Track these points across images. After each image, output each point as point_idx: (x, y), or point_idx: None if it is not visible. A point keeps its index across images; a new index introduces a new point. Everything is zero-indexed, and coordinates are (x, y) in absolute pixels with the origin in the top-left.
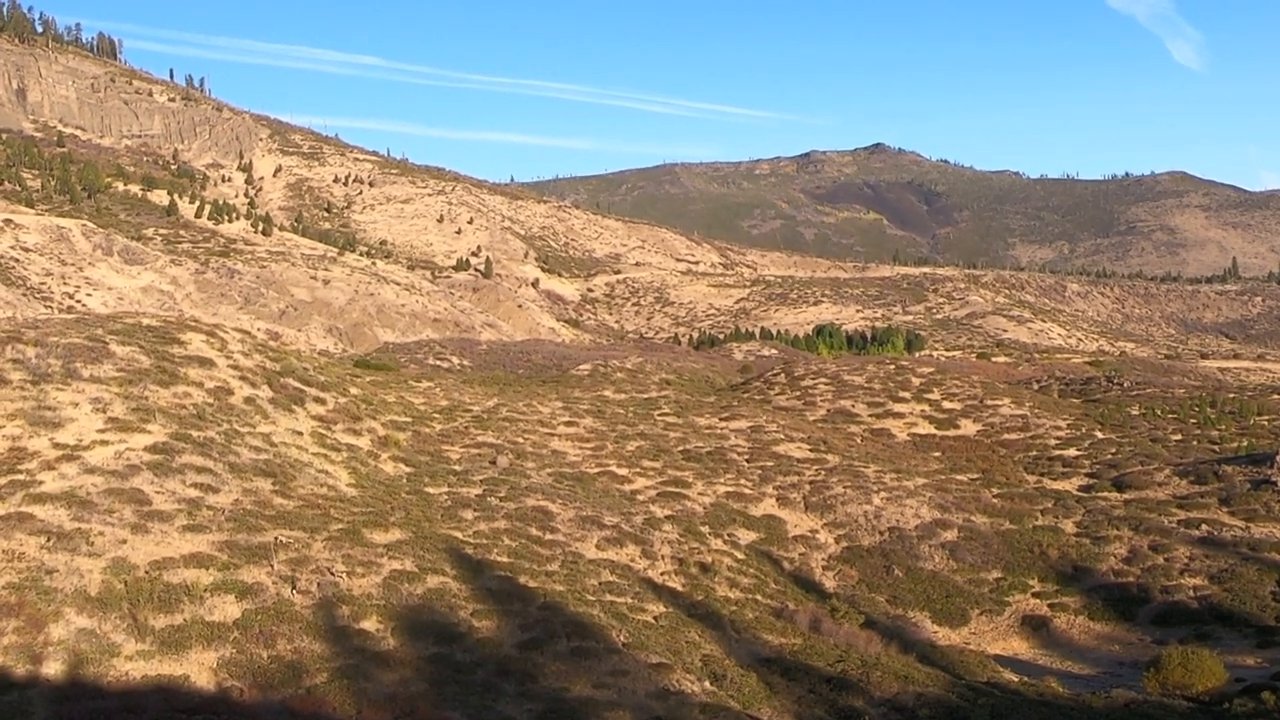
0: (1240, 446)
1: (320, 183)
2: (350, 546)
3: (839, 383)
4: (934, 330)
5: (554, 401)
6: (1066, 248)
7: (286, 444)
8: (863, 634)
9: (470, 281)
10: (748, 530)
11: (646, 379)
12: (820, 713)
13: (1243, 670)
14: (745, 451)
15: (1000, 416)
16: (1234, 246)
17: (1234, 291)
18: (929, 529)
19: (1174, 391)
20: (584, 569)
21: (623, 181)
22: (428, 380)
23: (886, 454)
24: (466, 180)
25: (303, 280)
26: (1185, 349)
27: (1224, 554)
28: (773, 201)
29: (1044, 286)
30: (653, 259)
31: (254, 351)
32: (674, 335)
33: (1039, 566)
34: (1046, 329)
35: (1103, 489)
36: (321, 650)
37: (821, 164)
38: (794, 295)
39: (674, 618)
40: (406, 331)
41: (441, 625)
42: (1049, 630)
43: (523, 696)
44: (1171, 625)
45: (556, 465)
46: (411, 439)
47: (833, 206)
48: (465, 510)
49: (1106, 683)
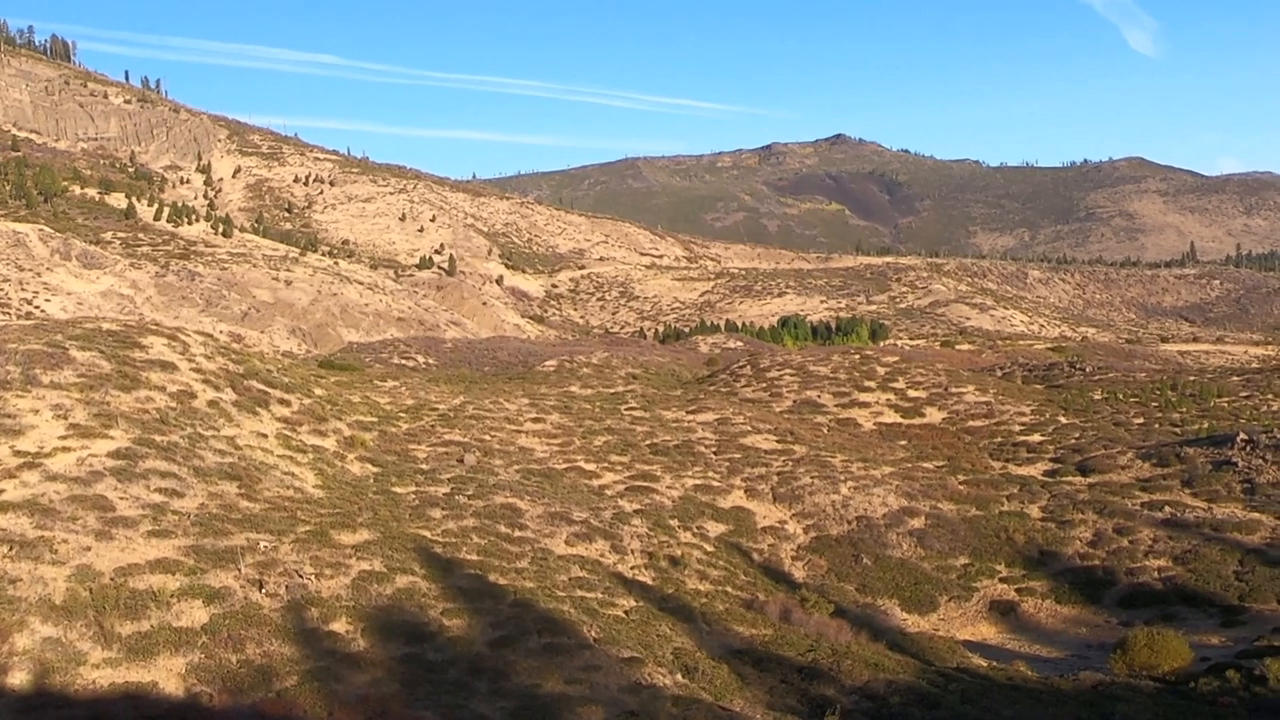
0: (1201, 428)
1: (280, 183)
2: (318, 548)
3: (804, 373)
4: (898, 319)
5: (520, 398)
6: (1027, 235)
7: (251, 446)
8: (833, 623)
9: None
10: (717, 522)
11: (612, 374)
12: (792, 702)
13: (1208, 649)
14: (713, 444)
15: (965, 404)
16: (1192, 231)
17: (1192, 275)
18: (896, 517)
19: (1135, 375)
20: (554, 565)
21: (585, 177)
22: (393, 379)
23: (853, 443)
24: (428, 178)
25: (265, 281)
26: (1146, 333)
27: (1187, 535)
28: (735, 194)
29: (1006, 274)
30: (616, 253)
31: (217, 354)
32: (639, 329)
33: (1006, 552)
34: (1009, 316)
35: (1067, 473)
36: (291, 653)
37: (783, 156)
38: (758, 287)
39: (645, 611)
40: (371, 331)
41: (412, 625)
42: (1017, 615)
43: (495, 694)
44: (1137, 607)
45: (524, 462)
46: (378, 439)
47: (795, 198)
48: (433, 509)
49: (1074, 665)
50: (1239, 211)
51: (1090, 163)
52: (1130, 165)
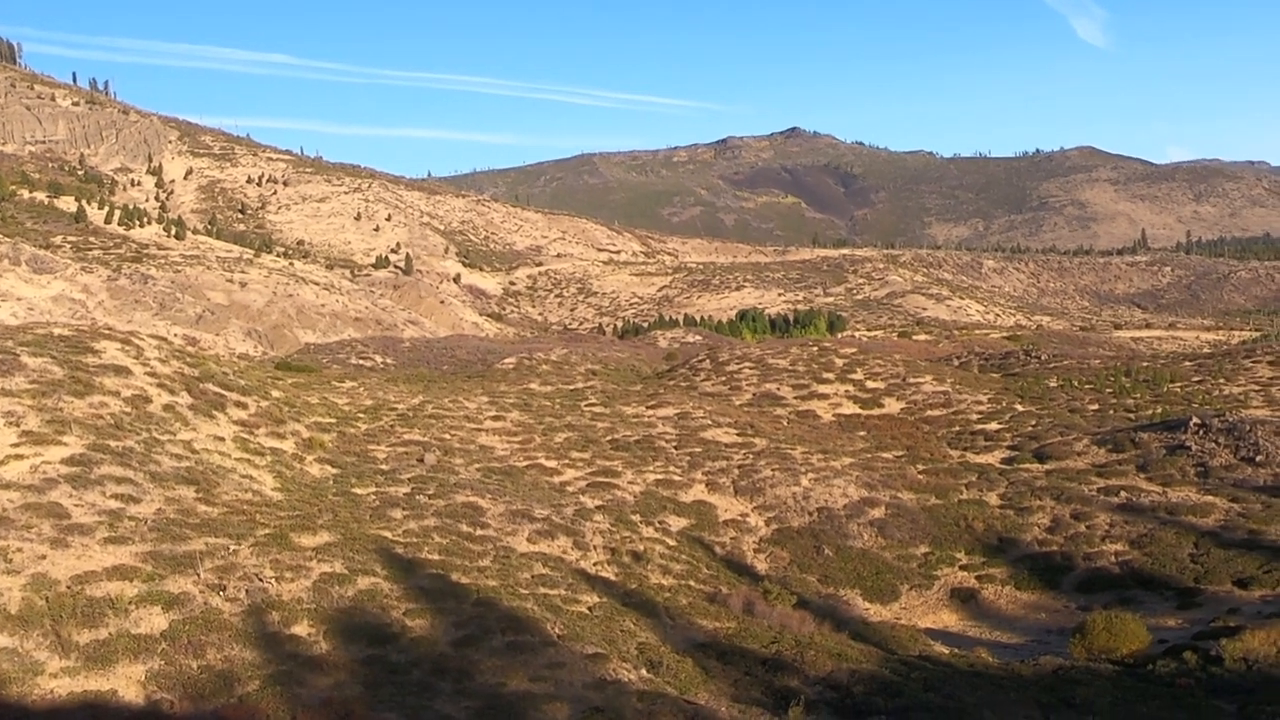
0: (1155, 413)
1: (233, 184)
2: (278, 551)
3: (763, 366)
4: (855, 311)
5: (480, 396)
6: (981, 225)
7: (208, 450)
8: (796, 614)
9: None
10: (678, 517)
11: (572, 370)
12: (757, 694)
13: (1165, 632)
14: (673, 439)
15: (923, 394)
16: (1143, 219)
17: (1144, 262)
18: (857, 508)
19: (1090, 362)
20: (516, 563)
21: (541, 173)
22: (351, 380)
23: (813, 435)
24: (383, 177)
25: (219, 284)
26: (1099, 320)
27: (1143, 519)
28: (692, 189)
29: (961, 264)
30: (574, 250)
31: (171, 358)
32: (598, 325)
33: (965, 539)
34: (965, 306)
35: (1024, 461)
36: (252, 658)
37: (739, 150)
38: (716, 281)
39: (608, 607)
40: (328, 332)
41: (374, 626)
42: (977, 602)
43: (460, 694)
44: (1095, 591)
45: (485, 460)
46: (337, 440)
47: (751, 191)
48: (394, 509)
49: (1035, 650)
50: (1188, 199)
51: (1042, 153)
52: (1081, 154)
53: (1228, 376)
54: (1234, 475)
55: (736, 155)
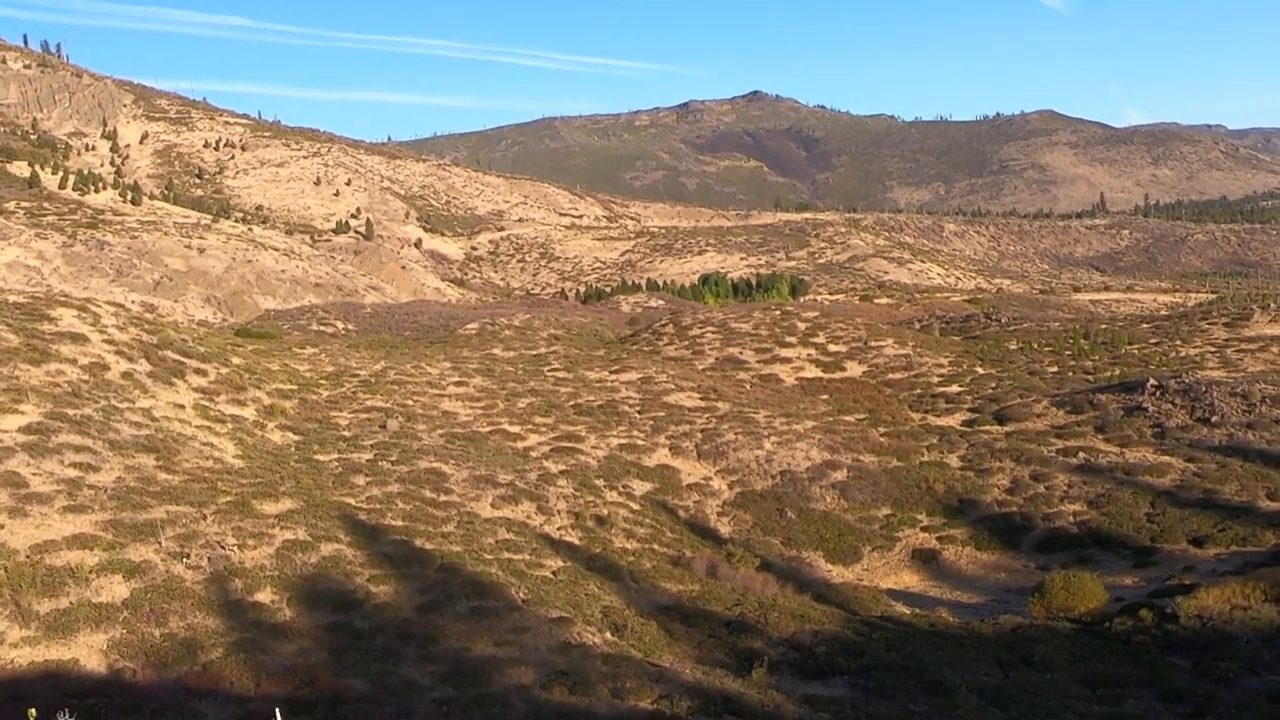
0: (1113, 375)
1: (190, 148)
2: (240, 519)
3: (726, 331)
4: (817, 275)
5: (442, 362)
6: (943, 189)
7: (168, 418)
8: (759, 577)
9: (351, 244)
10: (642, 481)
11: (535, 335)
12: (721, 656)
13: (1122, 590)
14: (636, 403)
15: (884, 357)
16: (1102, 182)
17: (1103, 226)
18: (819, 470)
19: (1049, 325)
20: (480, 528)
21: (502, 137)
22: (312, 346)
23: (775, 399)
24: (342, 141)
25: (177, 250)
26: (1059, 283)
27: (1101, 480)
28: (654, 153)
29: (922, 228)
30: (536, 214)
31: (129, 325)
32: (561, 290)
33: (927, 501)
34: (926, 269)
35: (984, 423)
36: (216, 625)
37: (701, 113)
38: (679, 246)
39: (573, 571)
40: (288, 298)
41: (338, 593)
42: (938, 562)
43: (425, 659)
44: (1054, 551)
45: (448, 426)
46: (298, 407)
47: (713, 156)
48: (357, 476)
49: (994, 610)
50: (1146, 162)
51: (1003, 116)
52: (1041, 118)
53: (1184, 339)
54: (1190, 436)
55: (698, 119)
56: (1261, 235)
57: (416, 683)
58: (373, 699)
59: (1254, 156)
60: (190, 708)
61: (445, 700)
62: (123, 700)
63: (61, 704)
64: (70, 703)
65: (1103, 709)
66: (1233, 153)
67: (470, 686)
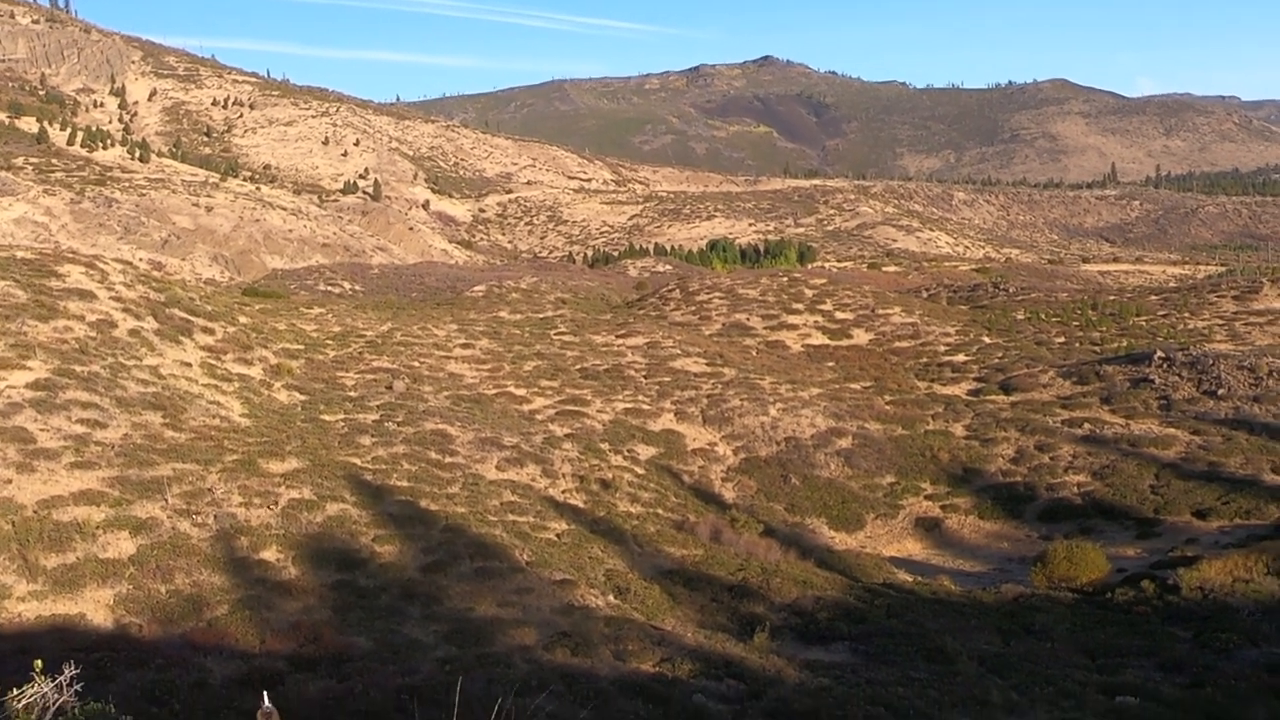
0: (1120, 347)
1: (198, 106)
2: (246, 477)
3: (733, 296)
4: (825, 242)
5: (449, 324)
6: (953, 157)
7: (175, 376)
8: (762, 542)
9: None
10: (647, 445)
11: (542, 299)
12: (723, 620)
13: (1124, 561)
14: (642, 368)
15: (891, 325)
16: (1113, 152)
17: (1113, 196)
18: (824, 438)
19: (1057, 295)
20: (485, 490)
21: (511, 99)
22: (319, 306)
23: (781, 365)
24: (351, 101)
25: (185, 208)
26: (1067, 254)
27: (1105, 451)
28: (663, 117)
29: (931, 196)
30: (544, 177)
31: (137, 282)
32: (568, 254)
33: (931, 470)
34: (934, 238)
35: (990, 392)
36: (221, 582)
37: (711, 78)
38: (687, 210)
39: (576, 534)
40: (295, 258)
41: (343, 552)
42: (941, 531)
43: (428, 619)
44: (1057, 521)
45: (454, 388)
46: (305, 366)
47: (723, 120)
48: (363, 436)
49: (996, 578)
50: (1158, 133)
51: (1015, 84)
52: (1053, 87)
53: (1192, 311)
54: (1196, 408)
55: (709, 83)
56: (1273, 208)
57: (420, 641)
58: (376, 657)
59: (1267, 129)
60: (195, 663)
61: (448, 659)
62: (128, 654)
63: (67, 657)
64: (76, 656)
65: (1102, 678)
66: (1246, 124)
67: (473, 646)
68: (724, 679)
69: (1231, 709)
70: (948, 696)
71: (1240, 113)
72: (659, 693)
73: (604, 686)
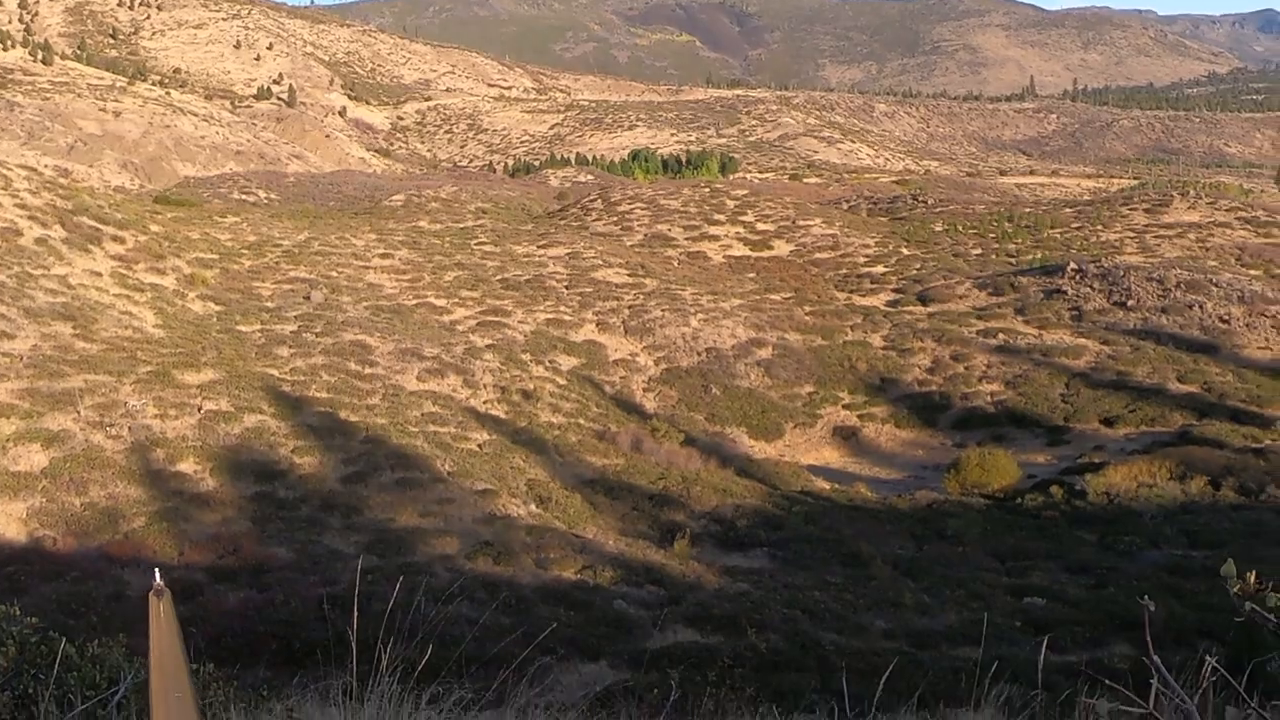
0: (1035, 259)
1: (103, 7)
2: (161, 388)
3: (655, 207)
4: (747, 153)
5: (368, 234)
6: (875, 68)
7: (85, 285)
8: (683, 451)
9: (273, 111)
10: (569, 356)
11: (462, 208)
12: (644, 528)
13: (1035, 468)
14: (564, 278)
15: (812, 236)
16: (1032, 65)
17: (1031, 109)
18: (745, 348)
19: (975, 208)
20: (406, 401)
21: (430, 3)
22: (233, 215)
23: (703, 277)
24: (263, 3)
25: (91, 113)
26: (985, 166)
27: (1018, 360)
28: (585, 24)
29: (853, 107)
30: (464, 85)
31: (42, 189)
32: (489, 163)
33: (849, 379)
34: (856, 149)
35: (908, 303)
36: (137, 495)
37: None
38: (609, 120)
39: (498, 445)
40: (208, 165)
41: (262, 464)
42: (858, 439)
43: (349, 529)
44: (971, 429)
45: (373, 298)
46: (219, 276)
47: (645, 28)
48: (280, 347)
49: (911, 485)
50: (1077, 46)
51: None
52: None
53: (1105, 224)
54: (1106, 319)
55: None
56: (1185, 123)
57: (341, 552)
58: (297, 568)
59: (1182, 43)
60: (112, 575)
61: (370, 569)
62: (43, 568)
63: None
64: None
65: (1011, 580)
66: (1161, 39)
67: (395, 556)
68: (644, 585)
69: (1131, 608)
70: (862, 600)
71: (1156, 27)
72: (581, 599)
73: (526, 594)
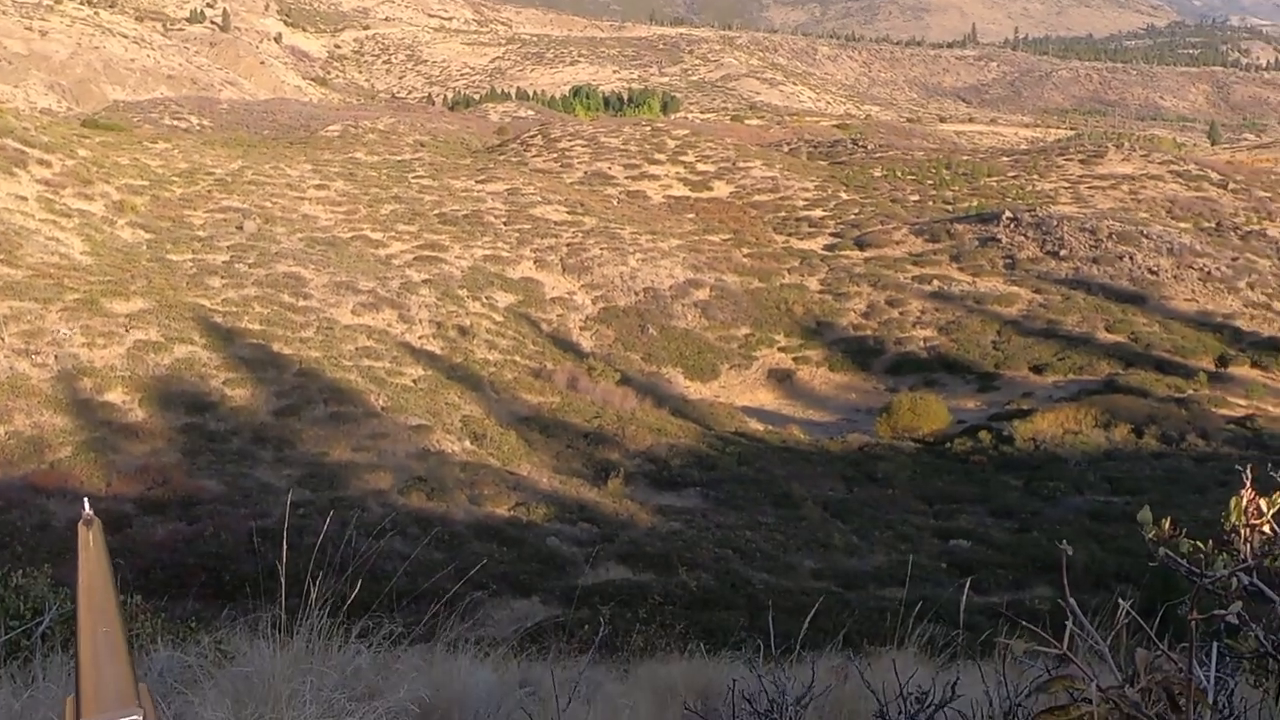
0: (971, 206)
1: None
2: (89, 317)
3: (596, 145)
4: (689, 92)
5: (303, 164)
6: (818, 10)
7: (9, 210)
8: (618, 391)
9: (207, 35)
10: (506, 293)
11: (400, 140)
12: (578, 466)
13: (964, 413)
14: (502, 214)
15: (751, 178)
16: (974, 12)
17: (972, 57)
18: (682, 289)
19: (913, 154)
20: (340, 335)
21: None
22: (164, 141)
23: (642, 216)
24: None
25: (16, 31)
26: (925, 113)
27: (952, 307)
28: None
29: (796, 49)
30: (403, 14)
31: None
32: (427, 95)
33: (785, 322)
34: (798, 92)
35: (845, 248)
36: (64, 424)
37: None
38: (550, 54)
39: (433, 380)
40: (138, 89)
41: (192, 395)
42: (793, 382)
43: (281, 462)
44: (903, 373)
45: (308, 230)
46: (150, 204)
47: None
48: (212, 277)
49: (843, 428)
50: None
51: None
52: None
53: (1041, 173)
54: (1039, 268)
55: None
56: (1122, 75)
57: (272, 485)
58: (227, 500)
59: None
60: (37, 505)
61: (301, 503)
62: None
63: None
64: None
65: (938, 523)
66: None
67: (327, 490)
68: (578, 523)
69: (1053, 552)
70: (793, 540)
71: None
72: (514, 535)
73: (459, 530)
